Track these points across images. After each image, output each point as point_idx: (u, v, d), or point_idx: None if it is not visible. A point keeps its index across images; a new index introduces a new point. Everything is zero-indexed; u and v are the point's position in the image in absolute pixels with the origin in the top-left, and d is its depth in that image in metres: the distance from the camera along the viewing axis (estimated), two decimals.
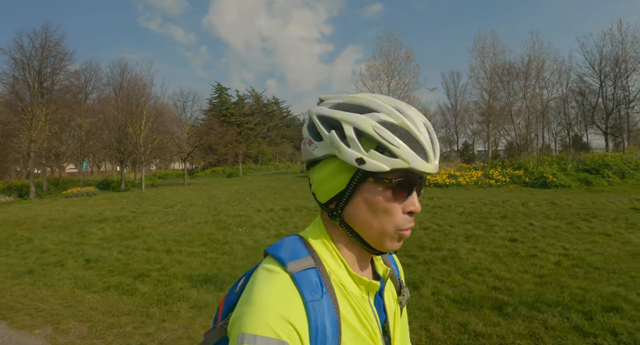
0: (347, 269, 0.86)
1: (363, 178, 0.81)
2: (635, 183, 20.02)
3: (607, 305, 4.52)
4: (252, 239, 9.57)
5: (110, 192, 29.69)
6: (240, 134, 58.05)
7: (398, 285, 1.03)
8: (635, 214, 10.57)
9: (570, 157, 24.06)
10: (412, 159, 0.78)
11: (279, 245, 0.86)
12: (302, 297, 0.75)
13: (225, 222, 12.14)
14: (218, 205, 17.05)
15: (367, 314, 0.85)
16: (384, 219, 0.82)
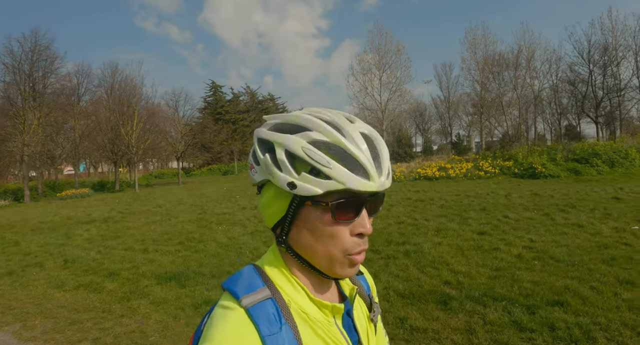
0: (308, 294, 0.83)
1: (301, 202, 0.78)
2: (624, 172, 19.99)
3: (554, 299, 4.57)
4: (227, 236, 9.65)
5: (104, 193, 29.79)
6: (235, 132, 58.06)
7: (368, 302, 1.00)
8: (615, 204, 10.59)
9: (560, 147, 24.04)
10: (348, 179, 0.73)
11: (234, 278, 0.83)
12: (259, 332, 0.72)
13: (207, 220, 12.22)
14: (206, 203, 17.12)
15: (336, 338, 0.81)
16: (329, 244, 0.78)
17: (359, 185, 0.74)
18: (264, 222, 0.86)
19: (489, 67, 31.12)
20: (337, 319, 0.85)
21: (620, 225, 8.04)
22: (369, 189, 0.74)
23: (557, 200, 11.74)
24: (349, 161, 0.74)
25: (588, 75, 30.42)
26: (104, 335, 4.68)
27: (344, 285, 0.94)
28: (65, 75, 34.79)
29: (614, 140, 26.27)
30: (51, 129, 30.97)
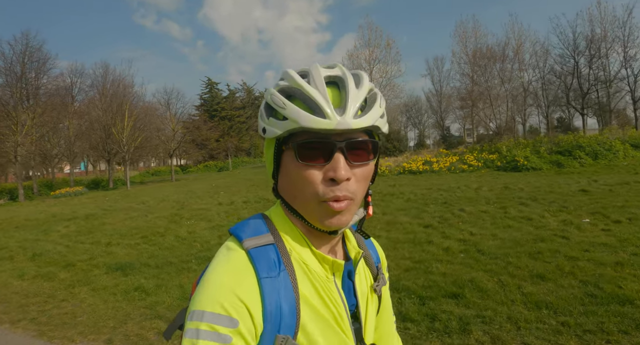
0: (310, 247, 0.84)
1: (279, 148, 0.81)
2: (607, 163, 19.99)
3: (452, 292, 4.75)
4: (188, 230, 9.96)
5: (98, 191, 30.14)
6: (231, 128, 58.38)
7: (375, 272, 1.00)
8: (580, 196, 10.65)
9: (545, 140, 24.11)
10: (300, 117, 0.75)
11: (241, 224, 0.85)
12: (257, 273, 0.75)
13: (180, 215, 12.53)
14: (188, 199, 17.38)
15: (332, 296, 0.83)
16: (302, 188, 0.79)
17: (311, 122, 0.74)
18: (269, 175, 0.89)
19: (476, 60, 31.22)
20: (337, 278, 0.87)
21: (571, 219, 8.12)
22: (323, 126, 0.74)
23: (523, 193, 11.85)
24: (308, 102, 0.76)
25: (573, 67, 30.41)
26: (41, 316, 5.26)
27: (351, 248, 0.94)
28: (59, 75, 35.28)
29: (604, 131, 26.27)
30: (45, 128, 31.36)
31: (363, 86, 0.81)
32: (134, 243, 8.99)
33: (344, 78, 0.81)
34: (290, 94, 0.79)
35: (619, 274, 4.93)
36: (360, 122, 0.76)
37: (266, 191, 18.18)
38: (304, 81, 0.79)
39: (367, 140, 0.80)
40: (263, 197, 15.84)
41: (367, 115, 0.78)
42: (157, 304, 5.23)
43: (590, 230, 7.21)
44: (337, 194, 0.77)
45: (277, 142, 0.81)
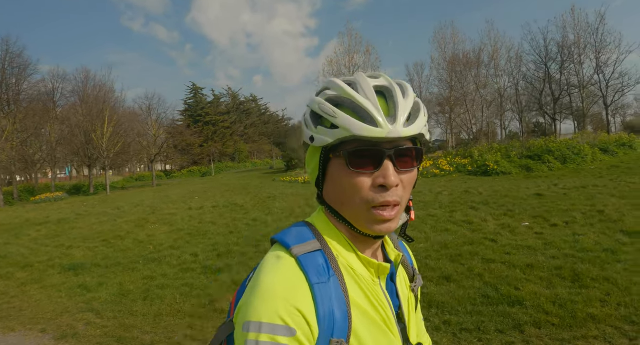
0: (356, 252, 0.86)
1: (326, 156, 0.83)
2: (575, 167, 20.32)
3: None
4: (148, 234, 10.30)
5: (79, 196, 30.18)
6: (215, 133, 58.61)
7: (411, 273, 1.02)
8: (532, 200, 10.77)
9: (518, 144, 24.63)
10: (352, 125, 0.77)
11: (285, 232, 0.86)
12: (308, 280, 0.75)
13: (147, 220, 12.83)
14: (161, 204, 17.60)
15: (380, 299, 0.84)
16: (351, 195, 0.81)
17: (364, 131, 0.76)
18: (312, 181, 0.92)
19: (452, 66, 31.82)
20: (382, 281, 0.89)
21: (511, 222, 8.31)
22: (376, 134, 0.76)
23: (480, 198, 12.01)
24: (359, 111, 0.78)
25: (544, 73, 31.12)
26: None
27: (390, 251, 0.97)
28: (40, 81, 35.47)
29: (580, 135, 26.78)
30: (26, 134, 31.42)
31: (409, 96, 0.84)
32: (94, 246, 9.35)
33: (390, 88, 0.83)
34: (339, 103, 0.82)
35: (525, 276, 5.22)
36: (409, 130, 0.80)
37: (239, 196, 18.46)
38: (354, 91, 0.81)
39: (412, 148, 0.83)
40: (233, 202, 16.09)
41: (415, 124, 0.81)
42: (94, 300, 5.68)
43: (523, 233, 7.46)
44: (387, 199, 0.79)
45: (324, 151, 0.83)
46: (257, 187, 22.86)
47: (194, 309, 5.22)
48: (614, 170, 18.11)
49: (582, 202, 9.98)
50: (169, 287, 6.07)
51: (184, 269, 6.98)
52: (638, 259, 5.54)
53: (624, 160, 20.66)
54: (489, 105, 32.03)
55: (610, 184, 12.98)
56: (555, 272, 5.30)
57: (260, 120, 69.53)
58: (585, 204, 9.51)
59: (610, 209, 8.62)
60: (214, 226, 10.86)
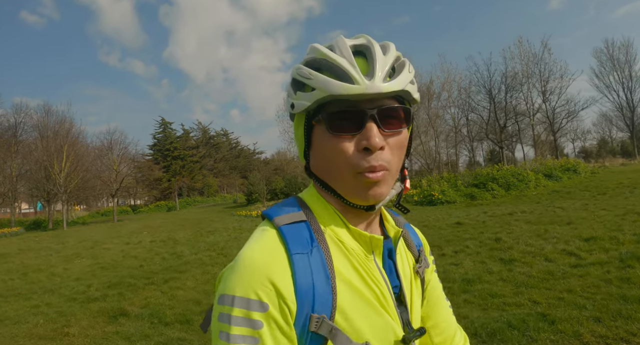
0: (345, 223, 0.81)
1: (309, 124, 0.79)
2: (518, 194, 20.60)
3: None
4: (66, 267, 10.66)
5: (37, 231, 29.94)
6: (183, 168, 58.73)
7: (416, 253, 0.95)
8: (447, 229, 11.07)
9: (466, 173, 25.26)
10: (328, 84, 0.73)
11: (274, 206, 0.83)
12: (287, 250, 0.71)
13: (79, 255, 13.10)
14: (107, 239, 17.73)
15: (373, 274, 0.79)
16: (336, 161, 0.76)
17: (340, 89, 0.73)
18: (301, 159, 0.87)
19: None
20: (377, 257, 0.83)
21: None
22: (353, 91, 0.72)
23: None
24: (335, 70, 0.75)
25: (489, 103, 32.40)
26: None
27: (389, 228, 0.90)
28: (3, 114, 35.60)
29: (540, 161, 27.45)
30: None
31: (390, 52, 0.80)
32: (9, 278, 9.68)
33: (369, 46, 0.79)
34: (316, 66, 0.78)
35: None
36: (391, 85, 0.75)
37: (184, 231, 18.66)
38: (330, 51, 0.77)
39: (398, 107, 0.78)
40: (173, 237, 16.30)
41: (397, 80, 0.76)
42: None
43: None
44: (372, 164, 0.74)
45: (307, 118, 0.79)
46: (210, 222, 23.02)
47: (46, 332, 5.56)
48: (553, 195, 18.42)
49: (491, 229, 10.25)
50: (43, 314, 6.39)
51: (71, 298, 7.25)
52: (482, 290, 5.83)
53: (567, 185, 21.08)
54: (445, 136, 32.97)
55: (539, 209, 13.31)
56: None
57: (230, 154, 69.67)
58: (492, 232, 9.80)
59: (510, 236, 8.95)
60: (134, 260, 11.10)
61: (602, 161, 31.32)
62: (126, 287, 7.82)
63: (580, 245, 7.38)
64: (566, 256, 6.90)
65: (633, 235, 7.53)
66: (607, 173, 23.66)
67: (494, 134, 32.44)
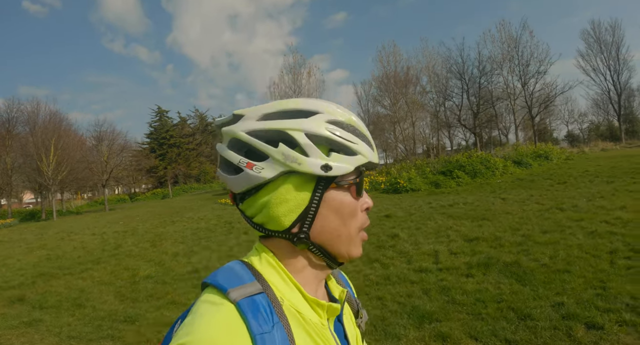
0: (302, 292, 0.77)
1: (326, 186, 0.75)
2: (483, 182, 20.55)
3: None
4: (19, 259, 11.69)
5: (31, 222, 31.11)
6: (179, 155, 59.62)
7: (355, 308, 0.94)
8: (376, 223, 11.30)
9: (437, 160, 25.50)
10: (369, 152, 0.77)
11: (219, 273, 0.75)
12: (250, 329, 0.64)
13: (46, 246, 14.16)
14: (82, 229, 18.89)
15: (330, 344, 0.76)
16: (351, 223, 0.78)
17: (373, 157, 0.78)
18: (270, 226, 0.78)
19: (386, 85, 33.16)
20: (330, 323, 0.81)
21: None
22: (376, 161, 0.80)
23: None
24: (362, 137, 0.78)
25: (461, 88, 32.65)
26: None
27: (333, 288, 0.89)
28: None
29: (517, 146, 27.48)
30: None
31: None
32: None
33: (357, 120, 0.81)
34: (345, 129, 0.77)
35: None
36: None
37: (154, 220, 19.58)
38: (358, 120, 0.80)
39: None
40: (135, 228, 17.20)
41: None
42: None
43: None
44: (369, 222, 0.82)
45: (324, 180, 0.75)
46: (188, 210, 23.79)
47: None
48: (515, 183, 18.29)
49: (406, 224, 10.65)
50: None
51: None
52: None
53: (534, 173, 20.94)
54: (429, 122, 33.30)
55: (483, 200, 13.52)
56: None
57: None
58: (403, 227, 10.22)
59: (408, 233, 9.43)
60: (80, 251, 12.20)
61: (582, 146, 31.46)
62: (47, 277, 8.87)
63: (457, 247, 7.75)
64: (429, 259, 7.26)
65: (514, 241, 7.73)
66: (581, 160, 23.65)
67: (469, 119, 32.74)
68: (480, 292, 5.38)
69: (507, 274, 5.97)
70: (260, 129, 0.75)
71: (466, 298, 5.22)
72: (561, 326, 4.21)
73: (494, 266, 6.36)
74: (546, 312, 4.55)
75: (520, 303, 4.88)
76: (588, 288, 5.10)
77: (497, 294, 5.26)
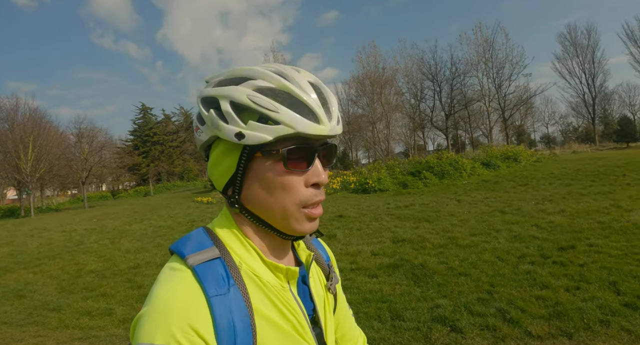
0: (261, 257, 0.81)
1: (251, 154, 0.77)
2: (450, 183, 20.73)
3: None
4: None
5: (9, 219, 31.24)
6: (162, 153, 59.78)
7: (326, 271, 0.98)
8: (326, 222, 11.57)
9: (406, 161, 25.87)
10: (298, 122, 0.73)
11: (182, 240, 0.80)
12: (205, 292, 0.70)
13: (13, 242, 14.68)
14: (56, 227, 19.20)
15: (290, 305, 0.80)
16: (283, 196, 0.77)
17: (309, 128, 0.73)
18: (214, 185, 0.84)
19: (361, 85, 33.63)
20: (292, 285, 0.84)
21: None
22: (319, 132, 0.74)
23: None
24: (297, 106, 0.74)
25: (433, 90, 33.27)
26: None
27: (300, 252, 0.92)
28: None
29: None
30: None
31: (334, 95, 0.83)
32: None
33: (319, 85, 0.81)
34: (273, 96, 0.75)
35: None
36: (340, 128, 0.80)
37: (123, 219, 19.91)
38: (292, 85, 0.76)
39: (334, 146, 0.83)
40: (104, 225, 17.56)
41: (340, 122, 0.81)
42: None
43: None
44: (319, 198, 0.80)
45: (247, 148, 0.77)
46: (164, 208, 24.04)
47: None
48: (480, 185, 18.55)
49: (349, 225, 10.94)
50: None
51: None
52: None
53: (500, 174, 21.06)
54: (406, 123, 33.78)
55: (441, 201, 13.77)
56: None
57: None
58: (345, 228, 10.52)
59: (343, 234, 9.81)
60: (44, 247, 12.65)
61: (554, 148, 32.13)
62: (3, 271, 9.50)
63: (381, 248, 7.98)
64: (349, 259, 7.47)
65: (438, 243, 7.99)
66: (550, 162, 23.85)
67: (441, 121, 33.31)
68: (373, 292, 5.69)
69: (409, 275, 6.27)
70: (205, 96, 0.80)
71: (356, 297, 5.55)
72: (424, 328, 4.41)
73: (401, 268, 6.68)
74: (419, 314, 4.77)
75: (402, 304, 5.14)
76: (475, 292, 5.32)
77: (389, 294, 5.55)
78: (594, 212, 9.34)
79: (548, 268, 5.95)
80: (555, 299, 4.83)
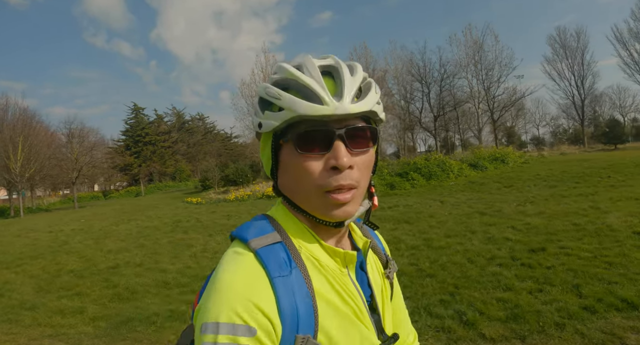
0: (319, 241, 0.83)
1: (277, 143, 0.81)
2: (437, 184, 20.68)
3: None
4: None
5: None
6: (154, 153, 59.64)
7: (384, 259, 1.00)
8: None
9: (395, 162, 25.96)
10: (297, 105, 0.75)
11: (243, 226, 0.84)
12: (268, 274, 0.73)
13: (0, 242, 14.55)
14: (44, 227, 19.04)
15: (348, 289, 0.82)
16: (302, 181, 0.79)
17: (309, 109, 0.74)
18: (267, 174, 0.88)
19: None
20: (350, 271, 0.86)
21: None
22: (322, 112, 0.74)
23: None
24: (304, 91, 0.77)
25: (422, 92, 33.46)
26: None
27: (357, 239, 0.94)
28: None
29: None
30: None
31: (357, 74, 0.83)
32: None
33: (337, 67, 0.81)
34: (285, 86, 0.80)
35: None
36: (358, 107, 0.77)
37: (111, 219, 19.90)
38: (299, 72, 0.79)
39: (366, 127, 0.80)
40: (92, 226, 17.52)
41: (364, 101, 0.79)
42: None
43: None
44: (340, 183, 0.77)
45: (274, 137, 0.81)
46: (153, 208, 23.96)
47: None
48: (467, 186, 18.50)
49: None
50: None
51: None
52: None
53: (487, 176, 21.14)
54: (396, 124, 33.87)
55: (424, 203, 13.84)
56: None
57: (205, 138, 69.50)
58: None
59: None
60: (28, 247, 12.68)
61: (542, 150, 32.39)
62: None
63: None
64: None
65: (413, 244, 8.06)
66: (537, 163, 23.87)
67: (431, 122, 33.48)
68: None
69: None
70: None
71: None
72: None
73: None
74: None
75: None
76: (438, 294, 5.33)
77: None
78: (572, 213, 9.37)
79: (515, 270, 5.98)
80: (515, 302, 4.88)
